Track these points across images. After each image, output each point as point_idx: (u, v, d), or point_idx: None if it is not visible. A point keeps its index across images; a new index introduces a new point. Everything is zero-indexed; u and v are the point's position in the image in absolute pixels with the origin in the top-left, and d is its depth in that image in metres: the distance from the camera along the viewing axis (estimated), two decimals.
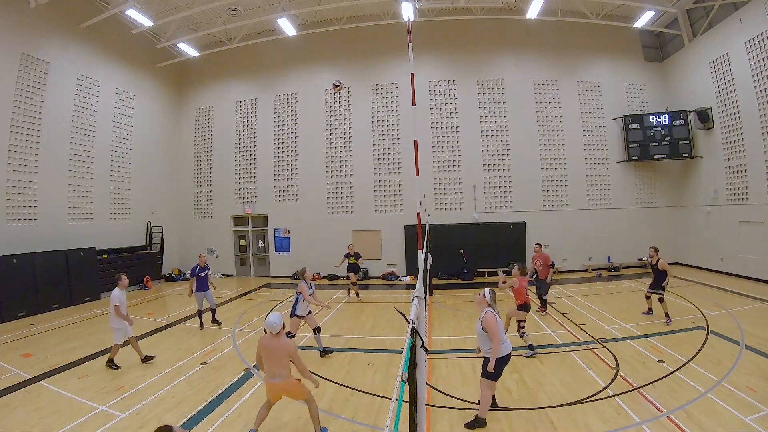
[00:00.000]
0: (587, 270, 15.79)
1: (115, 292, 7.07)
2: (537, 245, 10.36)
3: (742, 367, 6.16)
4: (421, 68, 15.13)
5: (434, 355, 7.31)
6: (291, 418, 5.23)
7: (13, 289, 10.94)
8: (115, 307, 6.96)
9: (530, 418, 5.05)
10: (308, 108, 17.30)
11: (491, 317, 4.82)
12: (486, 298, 5.00)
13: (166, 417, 5.27)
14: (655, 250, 9.05)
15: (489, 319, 4.80)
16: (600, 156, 16.37)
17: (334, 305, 11.91)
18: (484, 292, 5.06)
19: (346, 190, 16.89)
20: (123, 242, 15.49)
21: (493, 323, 4.79)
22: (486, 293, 5.04)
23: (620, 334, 8.12)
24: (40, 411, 5.45)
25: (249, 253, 18.08)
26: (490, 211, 16.18)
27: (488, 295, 5.03)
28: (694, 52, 14.88)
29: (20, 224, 11.95)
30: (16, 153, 11.87)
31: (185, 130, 18.76)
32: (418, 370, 3.19)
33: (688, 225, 15.74)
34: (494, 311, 4.93)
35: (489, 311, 4.89)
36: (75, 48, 13.66)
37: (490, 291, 5.08)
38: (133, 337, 7.32)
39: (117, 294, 7.05)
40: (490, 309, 4.93)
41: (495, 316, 4.87)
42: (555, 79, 16.44)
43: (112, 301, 6.98)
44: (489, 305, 4.96)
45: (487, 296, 5.01)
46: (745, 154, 13.04)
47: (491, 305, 4.97)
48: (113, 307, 6.96)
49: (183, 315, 11.07)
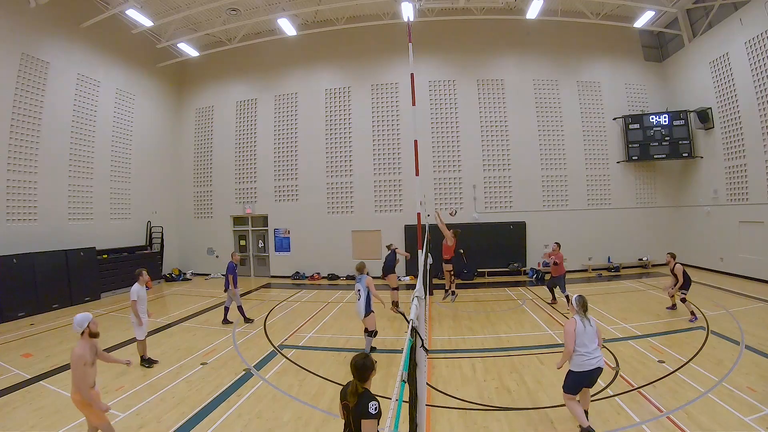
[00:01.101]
0: (587, 270, 15.79)
1: (134, 287, 7.07)
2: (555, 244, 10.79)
3: (742, 367, 6.17)
4: (421, 68, 15.14)
5: (434, 355, 7.31)
6: (291, 418, 5.23)
7: (13, 289, 10.94)
8: (132, 302, 6.99)
9: (530, 418, 5.04)
10: (308, 108, 17.30)
11: (569, 325, 4.51)
12: (574, 306, 4.62)
13: (166, 417, 5.27)
14: (672, 256, 9.37)
15: (567, 325, 4.52)
16: (600, 156, 16.37)
17: (333, 305, 11.93)
18: (573, 299, 4.68)
19: (346, 190, 16.89)
20: (123, 242, 15.49)
21: (569, 329, 4.46)
22: (574, 300, 4.67)
23: (620, 334, 8.12)
24: (40, 411, 5.45)
25: (249, 253, 18.08)
26: (490, 211, 16.18)
27: (576, 302, 4.62)
28: (694, 52, 14.88)
29: (20, 224, 11.95)
30: (16, 153, 11.88)
31: (185, 130, 18.76)
32: (418, 370, 3.20)
33: (688, 225, 15.74)
34: (579, 319, 4.52)
35: (574, 318, 4.56)
36: (75, 48, 13.67)
37: (578, 297, 4.66)
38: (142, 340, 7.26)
39: (135, 289, 7.05)
40: (576, 317, 4.56)
41: (575, 325, 4.48)
42: (555, 79, 16.43)
43: (131, 296, 7.02)
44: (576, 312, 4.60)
45: (575, 303, 4.62)
46: (745, 154, 13.04)
47: (578, 312, 4.57)
48: (131, 302, 6.99)
49: (183, 315, 11.08)
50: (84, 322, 4.25)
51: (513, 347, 7.73)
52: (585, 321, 4.50)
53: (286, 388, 6.10)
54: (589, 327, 4.47)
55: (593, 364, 4.40)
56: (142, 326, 7.11)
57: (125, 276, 14.75)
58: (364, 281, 7.28)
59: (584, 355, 4.40)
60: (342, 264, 16.50)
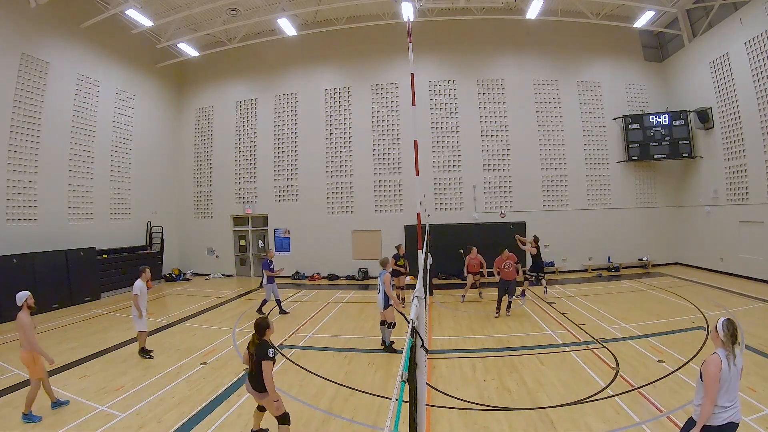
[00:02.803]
0: (587, 270, 15.79)
1: (137, 282, 7.59)
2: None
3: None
4: (421, 68, 15.13)
5: (434, 355, 7.31)
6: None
7: (13, 289, 10.71)
8: (134, 296, 7.48)
9: (530, 418, 5.04)
10: (308, 108, 17.29)
11: (712, 365, 3.13)
12: (719, 334, 3.23)
13: (166, 417, 5.27)
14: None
15: (708, 365, 3.15)
16: (600, 156, 16.37)
17: (333, 305, 11.93)
18: (718, 324, 3.26)
19: (346, 190, 16.89)
20: (123, 242, 15.48)
21: (712, 372, 3.10)
22: (720, 325, 3.24)
23: (620, 334, 8.12)
24: (40, 411, 5.45)
25: (249, 253, 18.08)
26: (490, 211, 16.17)
27: (723, 328, 3.22)
28: (694, 52, 14.88)
29: (20, 224, 11.95)
30: (16, 153, 11.87)
31: (185, 130, 18.76)
32: (418, 370, 3.20)
33: (688, 225, 15.74)
34: (724, 355, 3.17)
35: (716, 354, 3.21)
36: (75, 48, 13.67)
37: (726, 322, 3.24)
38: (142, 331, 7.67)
39: (138, 285, 7.56)
40: (720, 352, 3.19)
41: (720, 363, 3.12)
42: (555, 79, 16.43)
43: (134, 291, 7.53)
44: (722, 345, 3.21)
45: (721, 330, 3.22)
46: (745, 154, 13.04)
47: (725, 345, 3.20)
48: (134, 296, 7.49)
49: (183, 315, 11.07)
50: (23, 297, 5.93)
51: (513, 347, 7.73)
52: (731, 358, 3.15)
53: (286, 388, 6.10)
54: (733, 367, 3.14)
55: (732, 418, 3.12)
56: (142, 318, 7.55)
57: (125, 276, 14.79)
58: (382, 277, 7.53)
59: (726, 409, 3.11)
60: (342, 264, 16.50)
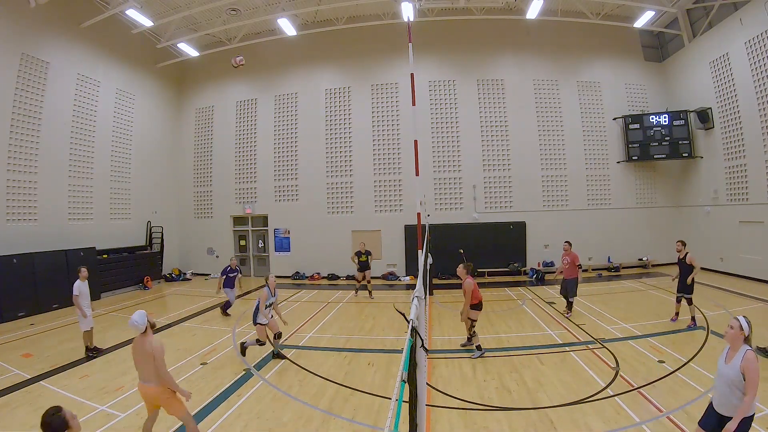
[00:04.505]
0: (587, 270, 15.75)
1: (76, 283, 7.70)
2: (566, 243, 9.84)
3: None
4: (421, 68, 15.13)
5: (434, 355, 7.31)
6: (290, 418, 5.23)
7: (13, 289, 10.94)
8: (74, 297, 7.57)
9: (530, 418, 5.04)
10: (308, 108, 17.29)
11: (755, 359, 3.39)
12: (744, 330, 3.50)
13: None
14: (683, 244, 8.48)
15: (752, 362, 3.36)
16: (600, 156, 16.37)
17: (333, 305, 11.92)
18: (741, 321, 3.54)
19: (346, 190, 16.89)
20: (123, 242, 15.48)
21: (758, 367, 3.38)
22: (744, 322, 3.52)
23: (620, 334, 8.12)
24: (40, 411, 5.37)
25: (249, 253, 18.08)
26: (490, 211, 16.18)
27: (747, 325, 3.51)
28: (694, 52, 14.88)
29: (20, 224, 11.95)
30: (16, 153, 11.87)
31: (185, 130, 18.76)
32: (418, 370, 3.19)
33: (688, 225, 15.73)
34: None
35: (751, 350, 3.46)
36: (75, 48, 13.66)
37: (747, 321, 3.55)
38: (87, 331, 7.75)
39: (77, 285, 7.68)
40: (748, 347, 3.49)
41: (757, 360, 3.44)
42: (555, 79, 16.43)
43: (74, 292, 7.62)
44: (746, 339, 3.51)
45: (747, 328, 3.50)
46: (745, 154, 13.04)
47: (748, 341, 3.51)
48: (74, 297, 7.57)
49: (183, 315, 11.07)
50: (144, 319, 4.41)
51: (513, 347, 7.73)
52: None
53: (286, 388, 6.10)
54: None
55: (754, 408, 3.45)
56: (87, 318, 7.63)
57: (125, 276, 14.82)
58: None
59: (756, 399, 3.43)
60: (342, 264, 16.47)
